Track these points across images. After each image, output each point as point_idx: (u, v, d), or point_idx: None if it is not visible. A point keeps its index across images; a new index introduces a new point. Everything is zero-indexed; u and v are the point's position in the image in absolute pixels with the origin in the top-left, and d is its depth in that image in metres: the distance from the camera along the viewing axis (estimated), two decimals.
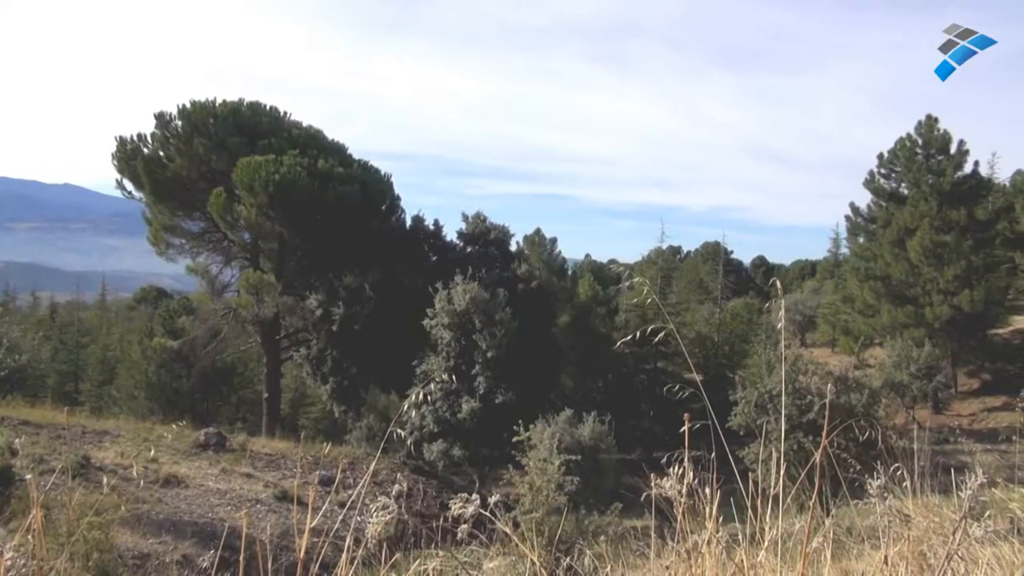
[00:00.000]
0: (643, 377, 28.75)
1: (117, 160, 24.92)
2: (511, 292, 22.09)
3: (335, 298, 23.52)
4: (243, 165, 22.68)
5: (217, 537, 13.07)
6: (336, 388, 24.48)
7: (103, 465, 15.70)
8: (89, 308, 46.04)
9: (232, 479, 16.98)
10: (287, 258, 25.63)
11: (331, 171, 23.74)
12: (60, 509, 7.70)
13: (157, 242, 25.81)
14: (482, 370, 20.60)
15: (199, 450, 18.90)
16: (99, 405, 28.55)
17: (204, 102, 24.94)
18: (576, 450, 15.56)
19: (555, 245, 30.34)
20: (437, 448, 20.61)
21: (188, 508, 14.53)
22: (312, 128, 26.92)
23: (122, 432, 19.62)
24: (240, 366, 30.15)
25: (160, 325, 27.26)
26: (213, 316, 25.03)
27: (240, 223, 23.95)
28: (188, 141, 24.48)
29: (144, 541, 12.28)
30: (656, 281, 28.83)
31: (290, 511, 15.48)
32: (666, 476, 2.09)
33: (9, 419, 18.14)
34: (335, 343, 23.88)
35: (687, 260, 56.89)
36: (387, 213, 26.42)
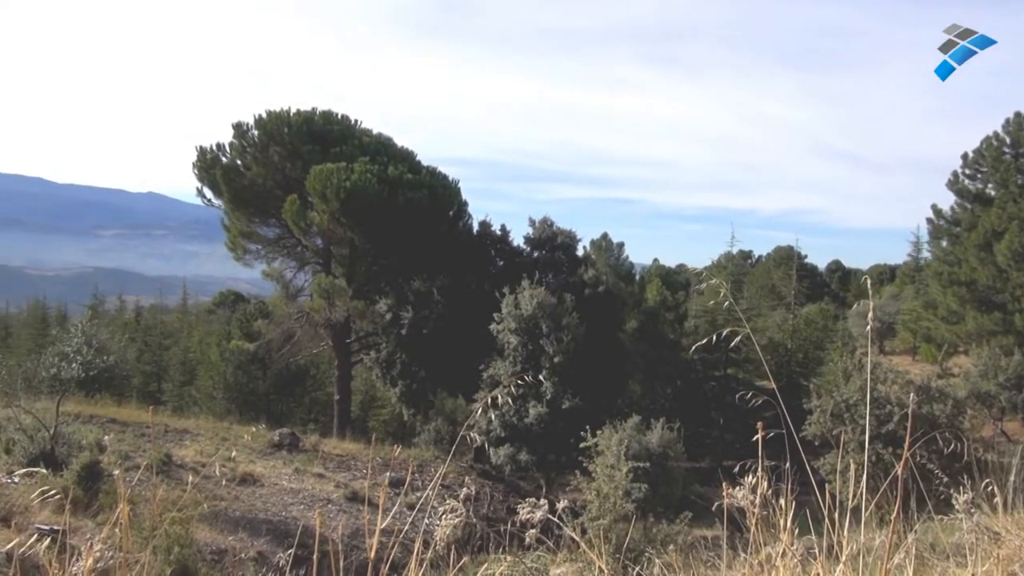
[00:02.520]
0: (713, 384, 28.23)
1: (197, 169, 25.90)
2: (578, 297, 22.00)
3: (404, 302, 23.86)
4: (316, 172, 23.25)
5: (290, 535, 13.42)
6: (405, 391, 24.82)
7: (184, 463, 16.31)
8: (171, 311, 47.96)
9: (305, 479, 17.39)
10: (358, 263, 26.12)
11: (400, 177, 24.10)
12: (144, 504, 8.02)
13: (235, 248, 26.72)
14: (549, 375, 20.56)
15: (273, 450, 19.44)
16: (180, 405, 29.67)
17: (279, 112, 25.69)
18: (644, 457, 15.36)
19: (622, 250, 30.17)
20: (504, 452, 20.67)
21: (263, 506, 14.94)
22: (382, 135, 27.39)
23: (201, 431, 20.35)
24: (313, 368, 30.87)
25: (237, 328, 28.14)
26: (287, 320, 25.69)
27: (313, 229, 24.55)
28: (264, 150, 25.25)
29: (222, 537, 12.67)
30: (726, 286, 28.26)
31: (360, 511, 15.75)
32: (739, 485, 2.04)
33: (97, 417, 19.03)
34: (404, 347, 24.22)
35: (758, 265, 55.63)
36: (455, 218, 26.66)
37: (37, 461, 13.33)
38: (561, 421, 20.15)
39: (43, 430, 13.98)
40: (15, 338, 37.40)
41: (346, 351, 26.75)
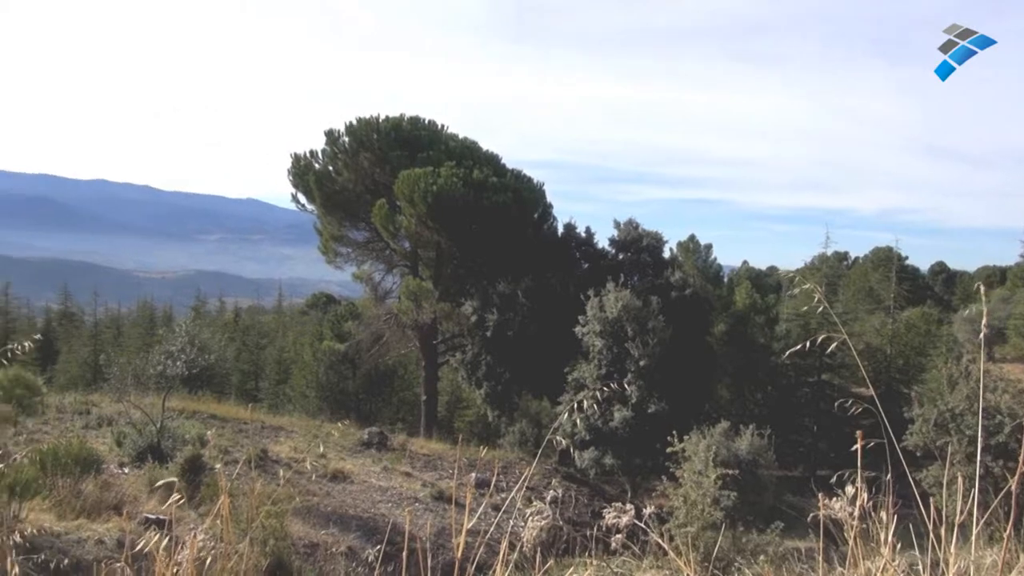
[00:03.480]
0: (806, 390, 27.30)
1: (292, 175, 26.87)
2: (664, 300, 21.67)
3: (489, 305, 24.06)
4: (403, 177, 23.73)
5: (379, 532, 13.72)
6: (490, 393, 25.02)
7: (279, 458, 16.93)
8: (267, 312, 49.85)
9: (392, 477, 17.75)
10: (444, 266, 26.50)
11: (486, 181, 24.32)
12: (242, 497, 8.36)
13: (326, 251, 27.60)
14: (634, 379, 20.33)
15: (363, 448, 19.93)
16: (275, 402, 30.82)
17: (369, 118, 26.36)
18: (733, 464, 14.98)
19: (710, 251, 29.48)
20: (589, 456, 20.55)
21: (353, 503, 15.33)
22: (467, 140, 27.69)
23: (295, 428, 21.07)
24: (400, 369, 31.49)
25: (329, 329, 28.99)
26: (376, 321, 26.29)
27: (401, 232, 25.06)
28: (354, 156, 25.96)
29: (314, 531, 13.07)
30: (820, 289, 27.29)
31: (446, 510, 15.96)
32: (835, 496, 1.96)
33: (199, 413, 19.98)
34: (489, 349, 24.41)
35: (855, 267, 53.39)
36: (539, 221, 26.71)
37: (145, 454, 14.11)
38: (647, 425, 19.89)
39: (151, 424, 14.77)
40: (126, 337, 39.62)
41: (433, 352, 27.15)
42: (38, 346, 22.87)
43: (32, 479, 9.50)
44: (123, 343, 37.41)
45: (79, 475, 11.18)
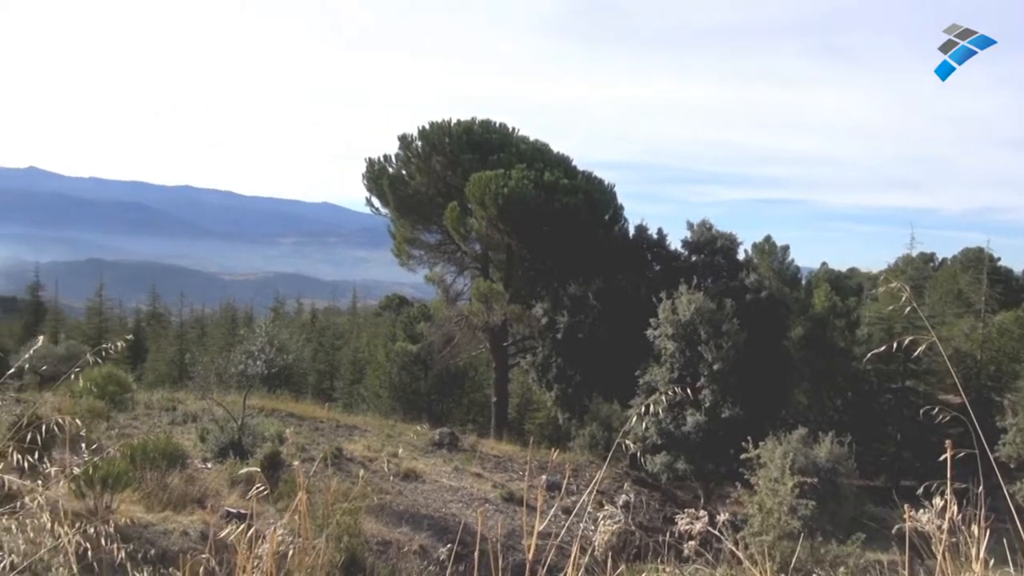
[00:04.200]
0: (889, 397, 26.29)
1: (366, 179, 27.44)
2: (739, 302, 21.20)
3: (560, 307, 24.01)
4: (475, 180, 23.93)
5: (450, 531, 13.85)
6: (560, 395, 24.96)
7: (353, 457, 17.28)
8: (342, 314, 50.97)
9: (463, 477, 17.91)
10: (515, 268, 26.58)
11: (556, 183, 24.30)
12: (318, 494, 8.57)
13: (399, 254, 28.07)
14: (708, 383, 19.95)
15: (434, 448, 20.16)
16: (350, 402, 31.49)
17: (441, 122, 26.69)
18: (811, 472, 14.54)
19: (787, 253, 28.76)
20: (660, 460, 20.27)
21: (424, 502, 15.53)
22: (538, 142, 27.74)
23: (369, 428, 21.48)
24: (471, 370, 31.73)
25: (401, 330, 29.45)
26: (448, 322, 26.56)
27: (472, 235, 25.28)
28: (426, 159, 26.32)
29: (387, 529, 13.30)
30: (907, 290, 26.26)
31: (516, 512, 16.00)
32: (922, 508, 1.88)
33: (278, 411, 20.58)
34: (559, 351, 24.37)
35: (942, 268, 51.09)
36: (610, 223, 26.52)
37: (227, 450, 14.62)
38: (720, 430, 19.50)
39: (232, 421, 15.30)
40: (209, 337, 41.13)
41: (503, 354, 27.27)
42: (129, 345, 23.92)
43: (123, 472, 9.97)
44: (207, 343, 38.83)
45: (166, 469, 11.67)
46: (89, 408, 14.86)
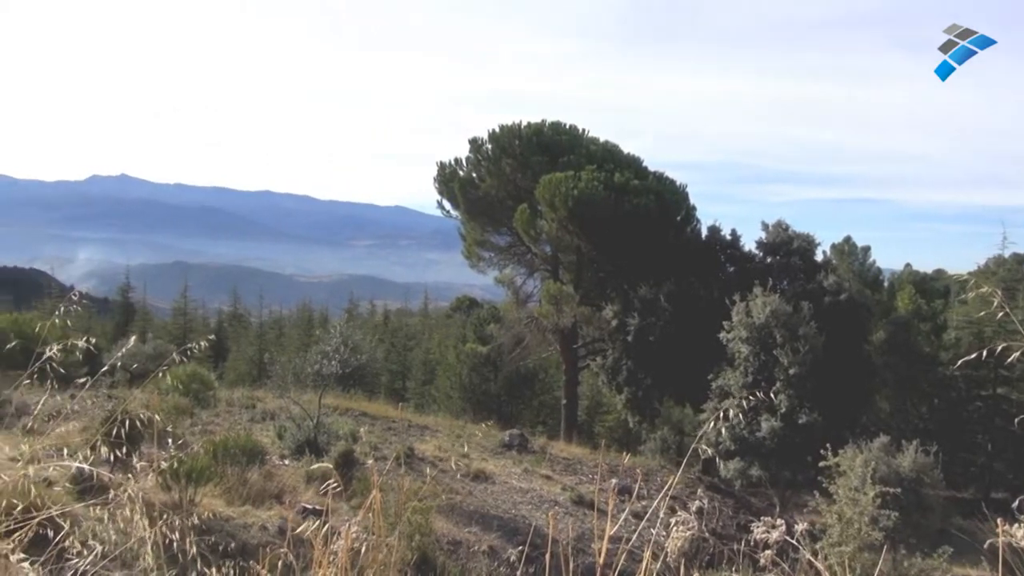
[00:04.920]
0: (978, 404, 25.07)
1: (437, 183, 27.81)
2: (816, 305, 20.59)
3: (630, 309, 23.79)
4: (545, 182, 23.94)
5: (519, 533, 13.87)
6: (631, 398, 24.72)
7: (424, 456, 17.50)
8: (414, 315, 51.70)
9: (533, 479, 17.90)
10: (585, 270, 26.49)
11: (627, 184, 24.10)
12: (391, 493, 8.70)
13: (470, 256, 28.34)
14: (783, 387, 19.44)
15: (504, 449, 20.23)
16: (421, 402, 31.90)
17: (511, 125, 26.85)
18: (894, 482, 13.98)
19: (867, 254, 27.81)
20: (734, 466, 19.85)
21: (494, 503, 15.59)
22: (608, 143, 27.59)
23: (440, 428, 21.70)
24: (541, 372, 31.73)
25: (472, 332, 29.69)
26: (517, 324, 26.64)
27: (542, 236, 25.31)
28: (496, 162, 26.50)
29: (457, 529, 13.41)
30: (998, 293, 25.03)
31: (586, 515, 15.91)
32: (1017, 522, 1.78)
33: (352, 410, 21.01)
34: (630, 353, 24.14)
35: None
36: (682, 224, 26.15)
37: (303, 447, 15.02)
38: (797, 437, 18.96)
39: (308, 420, 15.71)
40: (287, 337, 42.32)
41: (573, 356, 27.19)
42: (211, 345, 24.83)
43: (206, 467, 10.36)
44: (284, 343, 39.97)
45: (245, 465, 12.06)
46: (175, 405, 15.49)
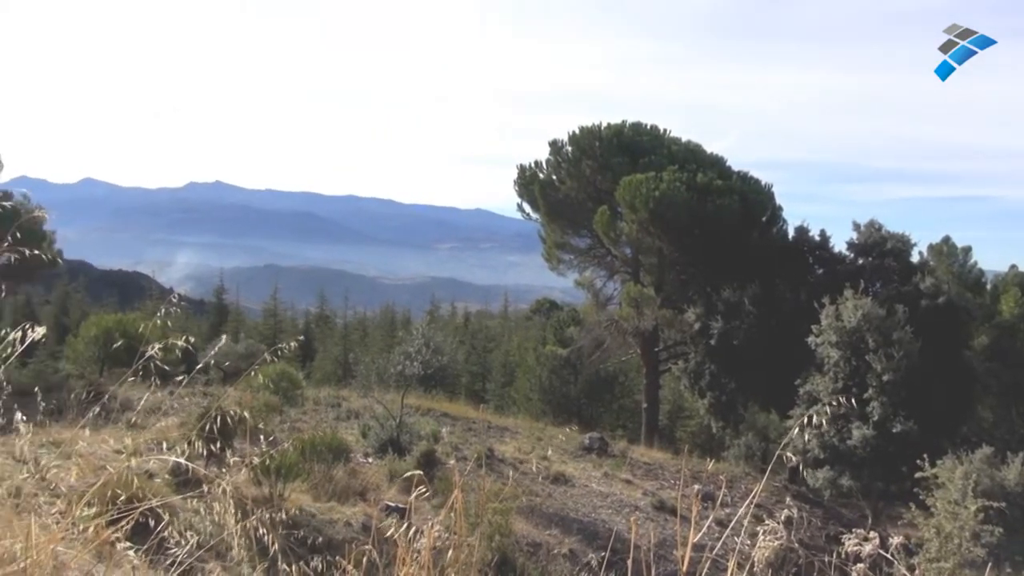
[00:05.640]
0: None
1: (518, 186, 27.96)
2: (912, 309, 19.67)
3: (713, 312, 23.32)
4: (625, 183, 23.74)
5: (599, 536, 13.79)
6: (714, 403, 24.22)
7: (504, 458, 17.61)
8: (494, 317, 52.06)
9: (613, 483, 17.76)
10: (666, 272, 26.15)
11: (710, 184, 23.66)
12: (472, 493, 8.80)
13: (550, 258, 28.36)
14: (876, 394, 18.64)
15: (584, 452, 20.14)
16: (501, 404, 32.09)
17: (591, 127, 26.75)
18: (998, 495, 13.22)
19: (968, 255, 26.34)
20: (823, 476, 19.15)
21: (574, 506, 15.55)
22: (691, 143, 27.15)
23: (519, 429, 21.79)
24: (621, 375, 31.46)
25: (551, 334, 29.70)
26: (597, 327, 26.50)
27: (622, 238, 25.11)
28: (576, 164, 26.44)
29: (536, 531, 13.43)
30: None
31: (667, 521, 15.68)
32: None
33: (433, 411, 21.34)
34: (713, 357, 23.65)
35: None
36: (767, 224, 25.48)
37: (386, 446, 15.35)
38: (891, 446, 18.16)
39: (391, 419, 16.04)
40: (371, 338, 43.26)
41: (654, 359, 26.86)
42: (300, 345, 25.61)
43: (294, 463, 10.71)
44: (368, 343, 40.86)
45: (331, 462, 12.42)
46: (265, 403, 16.07)
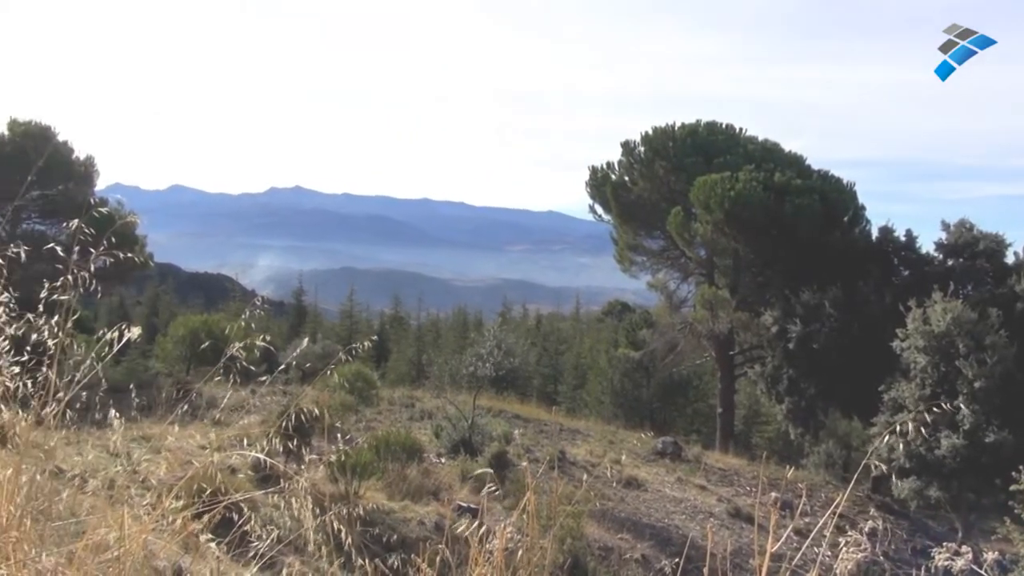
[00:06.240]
0: None
1: (589, 187, 27.86)
2: (1007, 312, 18.68)
3: (791, 315, 22.68)
4: (699, 184, 23.37)
5: (672, 543, 13.60)
6: (792, 409, 23.54)
7: (575, 460, 17.54)
8: (566, 319, 51.94)
9: (687, 489, 17.48)
10: (742, 274, 25.62)
11: (788, 184, 23.06)
12: (542, 495, 8.79)
13: (622, 260, 28.14)
14: (967, 402, 17.76)
15: (656, 457, 19.90)
16: (573, 406, 31.98)
17: (664, 127, 26.44)
18: None
19: None
20: (909, 486, 18.36)
21: (646, 511, 15.37)
22: (768, 142, 26.56)
23: (591, 432, 21.69)
24: (695, 379, 30.96)
25: (624, 336, 29.46)
26: (671, 330, 26.16)
27: (696, 240, 24.71)
28: (649, 165, 26.17)
29: (608, 535, 13.32)
30: None
31: (743, 529, 15.33)
32: None
33: (504, 412, 21.43)
34: (791, 362, 23.01)
35: None
36: (849, 224, 24.65)
37: (458, 446, 15.50)
38: (983, 456, 17.26)
39: (463, 420, 16.19)
40: (444, 339, 43.77)
41: (729, 363, 26.35)
42: (374, 346, 26.15)
43: (369, 462, 10.93)
44: (441, 345, 41.35)
45: (405, 461, 12.61)
46: (341, 402, 16.46)
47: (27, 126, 22.15)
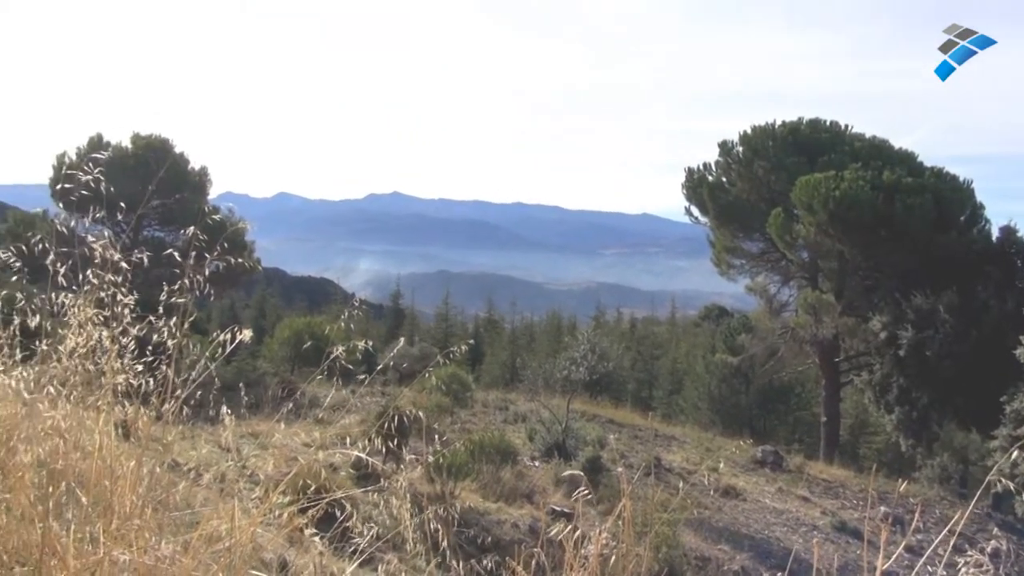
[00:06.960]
0: None
1: (685, 189, 27.36)
2: None
3: (902, 320, 21.57)
4: (802, 184, 22.57)
5: (772, 555, 13.16)
6: (903, 419, 22.38)
7: (671, 467, 17.24)
8: (661, 323, 51.16)
9: (788, 500, 16.88)
10: (848, 277, 24.58)
11: (898, 182, 21.95)
12: (637, 502, 8.68)
13: (719, 263, 27.49)
14: None
15: (756, 466, 19.29)
16: (668, 412, 31.46)
17: (763, 126, 25.70)
18: None
19: None
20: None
21: (745, 521, 14.93)
22: (876, 139, 25.41)
23: (687, 439, 21.26)
24: (797, 386, 29.92)
25: (721, 341, 28.77)
26: (771, 335, 25.39)
27: (798, 242, 23.86)
28: (748, 165, 25.47)
29: (705, 545, 13.02)
30: None
31: (849, 544, 14.68)
32: None
33: (598, 417, 21.28)
34: (902, 369, 21.88)
35: None
36: (966, 224, 23.26)
37: (552, 450, 15.50)
38: None
39: (557, 424, 16.17)
40: (537, 343, 43.89)
41: (834, 370, 25.33)
42: (469, 349, 26.39)
43: (464, 463, 11.07)
44: (535, 348, 41.46)
45: (499, 463, 12.71)
46: (437, 403, 16.75)
47: (148, 139, 23.61)
